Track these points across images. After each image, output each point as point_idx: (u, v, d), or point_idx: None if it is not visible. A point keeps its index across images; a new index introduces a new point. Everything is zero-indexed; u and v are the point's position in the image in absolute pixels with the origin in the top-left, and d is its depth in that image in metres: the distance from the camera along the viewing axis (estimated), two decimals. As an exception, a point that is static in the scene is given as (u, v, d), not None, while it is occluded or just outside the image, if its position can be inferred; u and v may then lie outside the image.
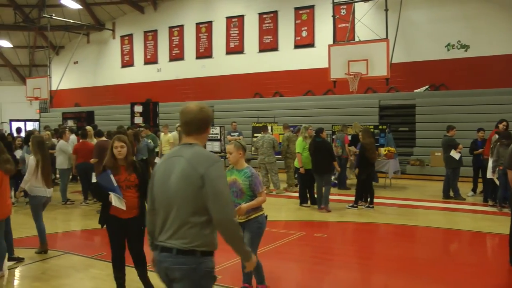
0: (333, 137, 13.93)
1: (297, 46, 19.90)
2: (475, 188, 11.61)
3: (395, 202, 11.11)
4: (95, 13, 25.39)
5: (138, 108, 19.33)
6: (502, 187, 9.52)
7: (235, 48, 21.50)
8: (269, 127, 13.72)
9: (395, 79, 16.10)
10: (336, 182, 12.81)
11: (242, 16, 21.25)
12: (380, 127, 14.46)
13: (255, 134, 15.41)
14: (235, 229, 2.80)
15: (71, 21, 24.46)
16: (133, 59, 25.01)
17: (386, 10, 15.34)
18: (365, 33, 16.06)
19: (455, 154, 10.88)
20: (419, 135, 16.13)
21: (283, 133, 13.40)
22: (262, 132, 12.64)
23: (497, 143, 9.69)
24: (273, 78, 20.18)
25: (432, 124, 15.54)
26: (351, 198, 10.52)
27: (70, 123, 21.74)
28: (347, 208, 10.14)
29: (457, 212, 9.93)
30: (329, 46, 15.60)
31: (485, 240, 8.07)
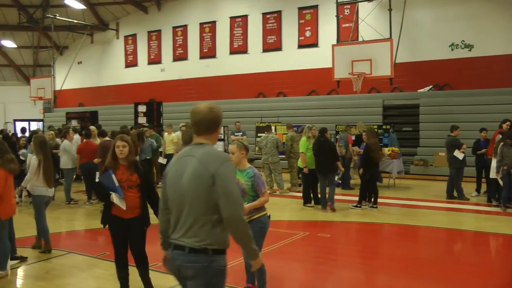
0: (336, 137, 13.92)
1: (300, 46, 19.88)
2: (479, 188, 11.56)
3: (399, 202, 11.09)
4: (99, 13, 25.46)
5: (142, 108, 19.34)
6: (506, 187, 9.51)
7: (238, 48, 21.50)
8: (272, 127, 13.71)
9: (399, 79, 16.05)
10: (340, 182, 12.79)
11: (246, 16, 21.25)
12: (384, 127, 14.45)
13: (259, 134, 15.38)
14: (244, 227, 2.83)
15: (75, 21, 24.58)
16: (137, 59, 25.04)
17: (390, 10, 15.29)
18: (369, 33, 16.01)
19: (459, 154, 10.85)
20: (423, 135, 16.08)
21: (286, 133, 13.39)
22: (265, 132, 12.62)
23: (500, 143, 9.68)
24: (277, 78, 20.17)
25: (436, 124, 15.50)
26: (354, 198, 10.50)
27: (74, 123, 21.78)
28: (350, 208, 10.14)
29: (461, 212, 9.91)
30: (333, 46, 15.56)
31: (489, 240, 8.04)
